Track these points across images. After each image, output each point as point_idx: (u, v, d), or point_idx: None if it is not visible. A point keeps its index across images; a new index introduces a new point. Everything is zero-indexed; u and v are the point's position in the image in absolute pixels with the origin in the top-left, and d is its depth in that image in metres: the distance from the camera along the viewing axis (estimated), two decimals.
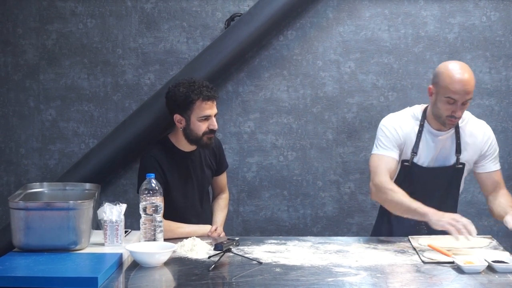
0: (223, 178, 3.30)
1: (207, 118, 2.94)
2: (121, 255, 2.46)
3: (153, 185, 2.63)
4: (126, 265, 2.46)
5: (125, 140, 3.90)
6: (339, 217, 4.12)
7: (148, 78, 4.07)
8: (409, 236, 2.84)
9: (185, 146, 3.04)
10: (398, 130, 2.94)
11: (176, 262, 2.48)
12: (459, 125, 2.95)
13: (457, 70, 2.78)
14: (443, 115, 2.83)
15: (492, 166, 3.03)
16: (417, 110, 2.99)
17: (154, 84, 4.06)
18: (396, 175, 2.98)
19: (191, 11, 4.04)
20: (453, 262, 2.41)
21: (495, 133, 4.02)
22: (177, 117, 2.97)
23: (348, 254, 2.60)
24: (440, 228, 2.65)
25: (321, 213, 4.12)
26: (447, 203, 2.99)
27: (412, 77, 4.05)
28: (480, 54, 4.02)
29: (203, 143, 2.98)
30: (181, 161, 3.04)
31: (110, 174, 4.03)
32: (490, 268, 2.36)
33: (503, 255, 2.50)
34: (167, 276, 2.35)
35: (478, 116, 3.11)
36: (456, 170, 2.98)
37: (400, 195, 2.79)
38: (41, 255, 2.43)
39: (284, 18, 3.94)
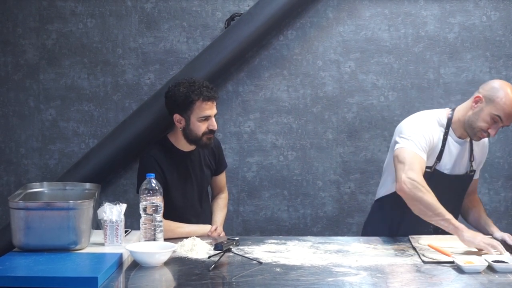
0: (222, 178, 3.30)
1: (207, 118, 2.94)
2: (121, 255, 2.46)
3: (153, 185, 2.63)
4: (126, 265, 2.46)
5: (125, 140, 3.89)
6: (339, 217, 4.12)
7: (148, 78, 4.07)
8: (409, 236, 2.84)
9: (185, 146, 3.03)
10: (433, 137, 2.87)
11: (176, 262, 2.48)
12: None
13: None
14: (478, 126, 2.80)
15: (478, 174, 3.09)
16: (442, 116, 2.92)
17: (154, 84, 4.06)
18: None
19: (191, 11, 4.04)
20: (453, 262, 2.41)
21: None
22: (176, 117, 2.97)
23: (348, 254, 2.61)
24: (471, 247, 2.60)
25: (321, 213, 4.12)
26: (458, 210, 3.00)
27: (412, 77, 4.04)
28: (480, 54, 4.02)
29: (203, 143, 2.98)
30: (181, 161, 3.03)
31: (110, 174, 4.03)
32: (490, 268, 2.37)
33: (503, 255, 2.50)
34: (167, 276, 2.35)
35: None
36: (469, 177, 3.01)
37: (435, 198, 2.68)
38: (41, 255, 2.43)
39: (284, 18, 3.94)
